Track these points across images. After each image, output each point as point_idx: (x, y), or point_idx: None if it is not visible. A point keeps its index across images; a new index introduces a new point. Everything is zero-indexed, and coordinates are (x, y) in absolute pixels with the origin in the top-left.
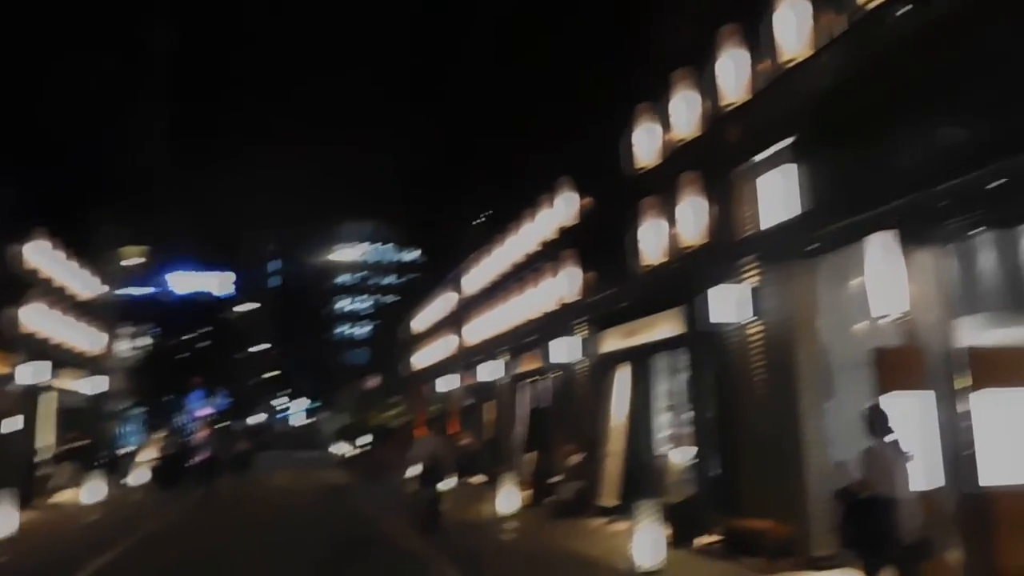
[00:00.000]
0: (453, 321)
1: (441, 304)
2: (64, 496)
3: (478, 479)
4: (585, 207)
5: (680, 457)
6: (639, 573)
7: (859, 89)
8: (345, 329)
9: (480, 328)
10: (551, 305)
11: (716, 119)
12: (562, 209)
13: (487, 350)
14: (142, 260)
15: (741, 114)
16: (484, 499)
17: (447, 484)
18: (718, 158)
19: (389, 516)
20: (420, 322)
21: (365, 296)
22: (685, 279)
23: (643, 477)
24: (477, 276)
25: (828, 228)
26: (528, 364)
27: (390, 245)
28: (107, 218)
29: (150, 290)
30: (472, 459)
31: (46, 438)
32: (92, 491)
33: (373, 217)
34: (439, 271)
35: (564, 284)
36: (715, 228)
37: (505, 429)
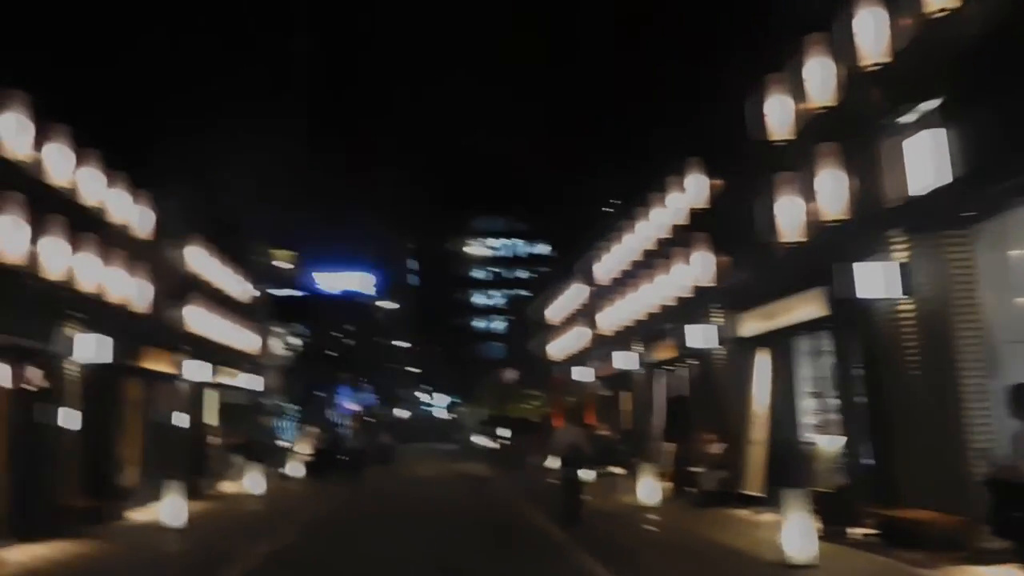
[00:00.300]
0: (586, 311)
1: (573, 294)
2: (229, 487)
3: (616, 470)
4: (716, 187)
5: (828, 445)
6: (790, 566)
7: (1015, 38)
8: (481, 323)
9: (613, 317)
10: (685, 291)
11: (854, 83)
12: (692, 191)
13: (621, 339)
14: (291, 265)
15: (882, 75)
16: (624, 490)
17: (587, 474)
18: (858, 125)
19: (531, 506)
20: (553, 313)
21: (498, 290)
22: (827, 256)
23: (789, 466)
24: (608, 265)
25: (985, 192)
26: (663, 352)
27: (520, 241)
28: (257, 224)
29: (299, 292)
30: (610, 450)
31: (211, 433)
32: (254, 483)
33: (503, 212)
34: (569, 262)
35: (697, 268)
36: (858, 200)
37: (642, 419)
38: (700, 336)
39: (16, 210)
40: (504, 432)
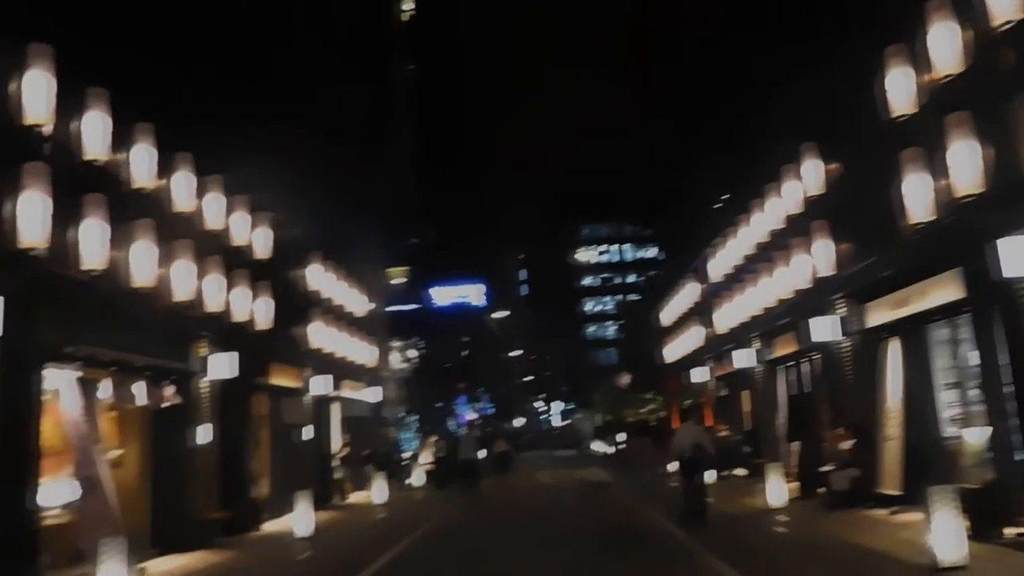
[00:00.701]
0: (700, 310)
1: (686, 294)
2: (354, 497)
3: (739, 472)
4: (833, 171)
5: (972, 438)
6: (939, 569)
7: None
8: (593, 330)
9: (729, 315)
10: (805, 282)
11: (984, 46)
12: (808, 177)
13: (738, 337)
14: (404, 279)
15: (1015, 33)
16: (748, 492)
17: (709, 476)
18: (992, 90)
19: (653, 510)
20: (667, 315)
21: (609, 296)
22: (963, 234)
23: (929, 462)
24: (721, 261)
25: None
26: (783, 348)
27: (628, 246)
28: (371, 241)
29: (413, 307)
30: (731, 451)
31: (335, 444)
32: (378, 492)
33: (610, 218)
34: (680, 262)
35: (818, 258)
36: (996, 171)
37: (764, 418)
38: (824, 329)
39: (146, 236)
40: (621, 437)
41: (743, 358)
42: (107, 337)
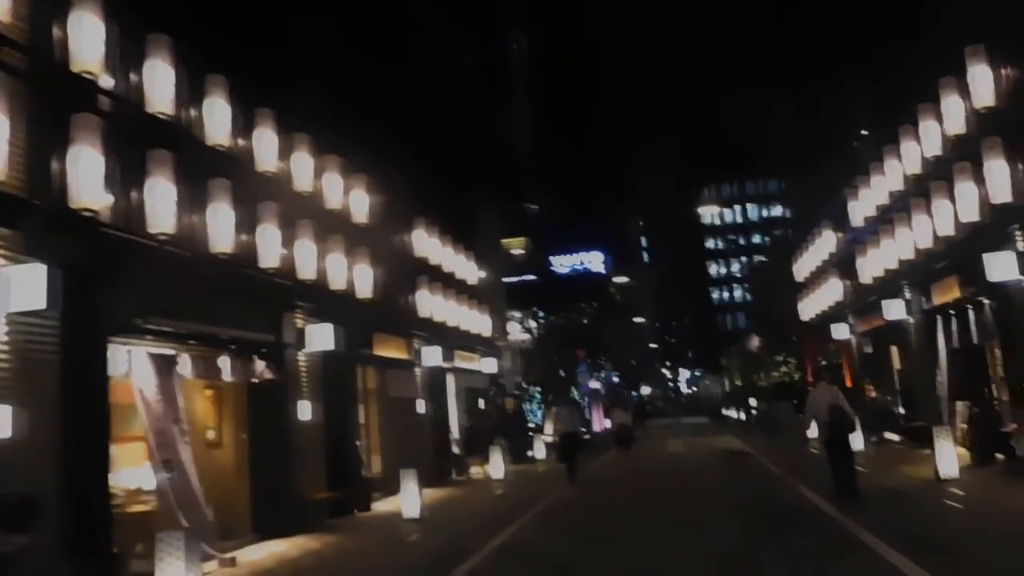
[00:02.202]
0: (839, 261)
1: (823, 245)
2: (474, 471)
3: (892, 436)
4: (1009, 77)
5: None
6: None
7: None
8: (719, 294)
9: (875, 262)
10: (972, 214)
11: None
12: (976, 88)
13: (887, 286)
14: (523, 250)
15: None
16: (907, 460)
17: (855, 442)
18: None
19: (800, 482)
20: (802, 269)
21: (735, 258)
22: None
23: None
24: (863, 203)
25: None
26: (943, 294)
27: (753, 205)
28: (486, 209)
29: (532, 277)
30: (881, 414)
31: (452, 417)
32: (497, 467)
33: (733, 177)
34: (814, 211)
35: (991, 184)
36: None
37: (918, 376)
38: (1004, 265)
39: (223, 197)
40: (753, 402)
41: (893, 309)
42: (184, 308)
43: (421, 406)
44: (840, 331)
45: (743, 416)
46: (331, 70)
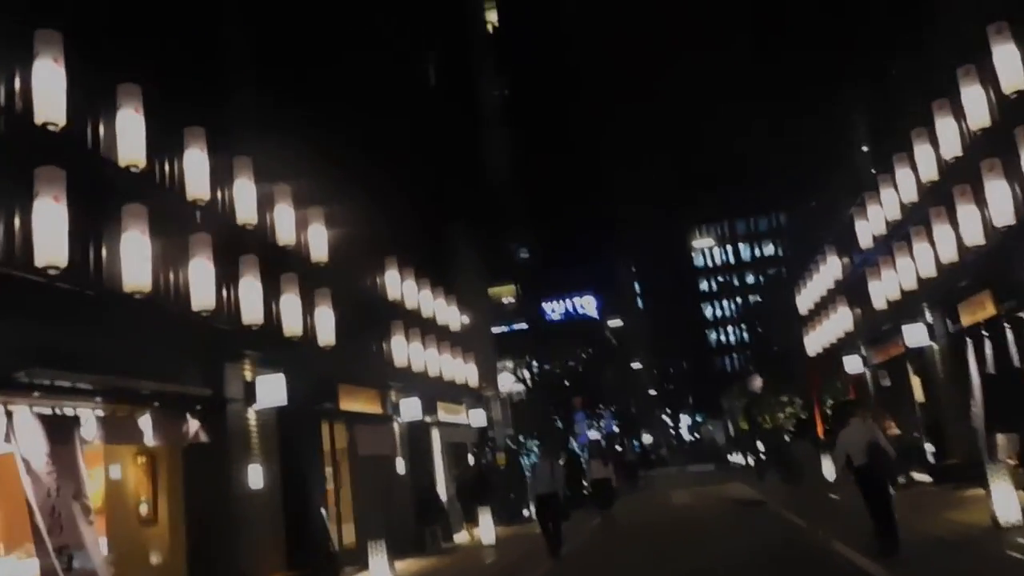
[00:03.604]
0: (847, 288)
1: (826, 273)
2: (461, 537)
3: (920, 477)
4: None
5: None
6: None
7: None
8: (717, 335)
9: (889, 285)
10: (1007, 217)
11: None
12: (1002, 70)
13: (904, 310)
14: (512, 299)
15: None
16: (948, 504)
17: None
18: None
19: (828, 535)
20: (804, 302)
21: (729, 299)
22: None
23: None
24: (871, 222)
25: None
26: (974, 313)
27: (744, 245)
28: (473, 253)
29: (523, 325)
30: (907, 452)
31: (436, 477)
32: (487, 531)
33: (722, 218)
34: (813, 240)
35: None
36: None
37: (947, 408)
38: None
39: (136, 224)
40: (761, 446)
41: (914, 335)
42: (88, 358)
43: (400, 465)
44: (852, 364)
45: (750, 461)
46: (284, 91)
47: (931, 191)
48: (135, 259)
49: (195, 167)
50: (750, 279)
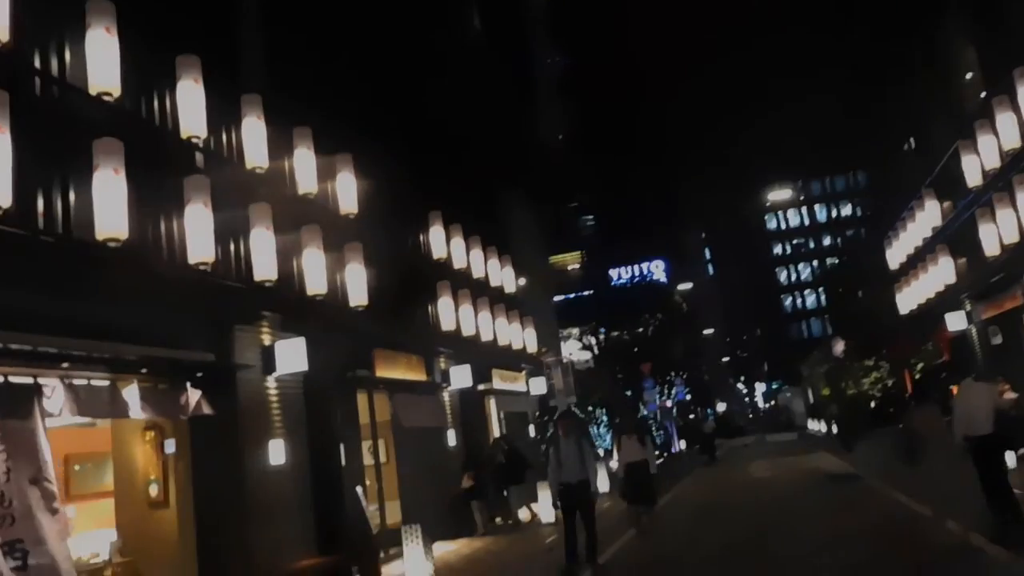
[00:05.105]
0: (951, 236)
1: (923, 222)
2: (524, 513)
3: None
4: None
5: None
6: None
7: None
8: (792, 301)
9: (1007, 226)
10: None
11: None
12: None
13: (1022, 256)
14: (578, 265)
15: None
16: None
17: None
18: None
19: (966, 529)
20: (895, 256)
21: (804, 263)
22: None
23: None
24: (985, 152)
25: None
26: None
27: (820, 205)
28: (533, 215)
29: (589, 292)
30: (1022, 420)
31: (493, 449)
32: (548, 509)
33: (798, 177)
34: (902, 188)
35: None
36: None
37: None
38: None
39: (108, 162)
40: (835, 412)
41: None
42: (53, 317)
43: (451, 437)
44: (955, 321)
45: (833, 429)
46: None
47: None
48: (108, 203)
49: (189, 98)
50: (827, 241)
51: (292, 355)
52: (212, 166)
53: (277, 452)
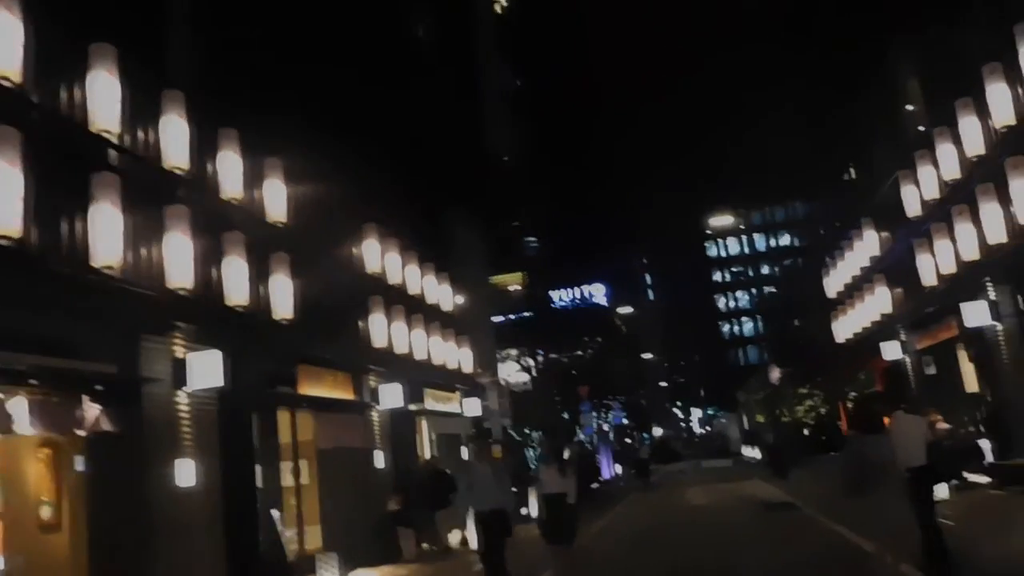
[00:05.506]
0: (888, 266)
1: (861, 251)
2: (453, 538)
3: (977, 478)
4: None
5: None
6: None
7: None
8: (730, 328)
9: (944, 257)
10: None
11: None
12: None
13: (959, 287)
14: (520, 286)
15: None
16: (1012, 512)
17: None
18: None
19: (887, 552)
20: (832, 284)
21: (743, 291)
22: None
23: None
24: (924, 183)
25: None
26: None
27: (759, 235)
28: (475, 234)
29: (528, 314)
30: (960, 450)
31: (422, 471)
32: (475, 534)
33: (737, 205)
34: (843, 218)
35: None
36: None
37: (1014, 399)
38: None
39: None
40: (770, 441)
41: (974, 314)
42: None
43: (379, 459)
44: (891, 350)
45: (763, 456)
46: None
47: (1004, 139)
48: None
49: (102, 89)
50: (765, 270)
51: (206, 369)
52: (126, 164)
53: (186, 473)
